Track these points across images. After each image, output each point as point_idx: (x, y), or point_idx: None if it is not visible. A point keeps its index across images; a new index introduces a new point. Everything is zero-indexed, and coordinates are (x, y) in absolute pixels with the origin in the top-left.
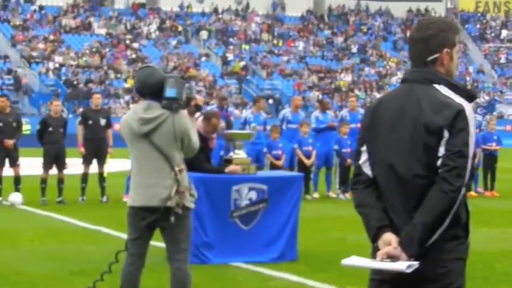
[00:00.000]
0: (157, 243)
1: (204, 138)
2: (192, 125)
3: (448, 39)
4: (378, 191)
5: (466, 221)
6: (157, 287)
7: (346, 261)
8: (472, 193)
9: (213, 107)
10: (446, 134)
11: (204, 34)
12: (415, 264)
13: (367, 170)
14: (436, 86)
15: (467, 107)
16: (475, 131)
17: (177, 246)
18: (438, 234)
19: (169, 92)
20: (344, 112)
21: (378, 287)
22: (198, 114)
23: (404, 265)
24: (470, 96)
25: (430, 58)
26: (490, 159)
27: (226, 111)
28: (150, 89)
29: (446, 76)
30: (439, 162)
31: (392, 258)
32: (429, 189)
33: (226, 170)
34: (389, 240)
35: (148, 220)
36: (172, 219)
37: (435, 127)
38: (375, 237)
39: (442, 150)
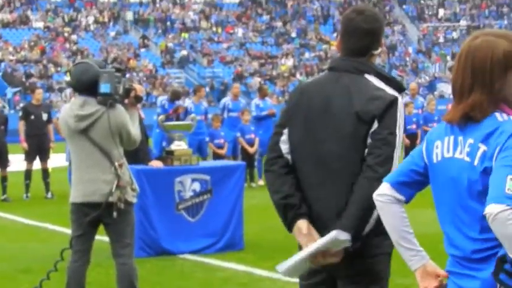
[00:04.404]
0: (105, 238)
1: None
2: (133, 117)
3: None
4: (296, 178)
5: None
6: (105, 283)
7: (281, 267)
8: None
9: (164, 98)
10: (376, 124)
11: (129, 15)
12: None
13: (286, 153)
14: (367, 75)
15: (399, 99)
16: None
17: (121, 241)
18: (372, 223)
19: (104, 87)
20: None
21: None
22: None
23: (332, 234)
24: (399, 88)
25: (377, 52)
26: None
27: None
28: (84, 86)
29: (376, 67)
30: (366, 151)
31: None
32: (356, 178)
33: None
34: (300, 228)
35: (90, 217)
36: (114, 214)
37: (367, 116)
38: (291, 226)
39: (369, 140)
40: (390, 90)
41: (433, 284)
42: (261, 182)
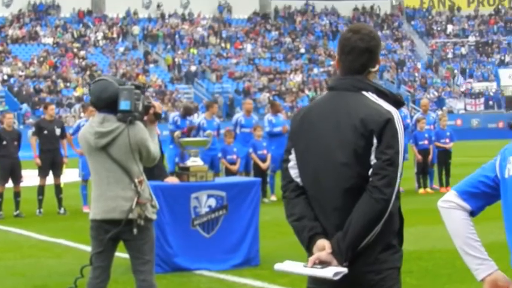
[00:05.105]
0: (121, 254)
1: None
2: (152, 134)
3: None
4: (308, 199)
5: (399, 229)
6: None
7: (279, 266)
8: (428, 190)
9: (176, 114)
10: (375, 141)
11: (136, 29)
12: (343, 271)
13: (295, 177)
14: (364, 92)
15: (396, 114)
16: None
17: (141, 258)
18: (370, 239)
19: (123, 104)
20: None
21: None
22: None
23: (331, 272)
24: (397, 103)
25: (375, 69)
26: (444, 155)
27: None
28: (104, 103)
29: (374, 83)
30: (370, 171)
31: (323, 263)
32: (358, 197)
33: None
34: (322, 245)
35: (110, 234)
36: (134, 231)
37: (365, 132)
38: (309, 247)
39: (372, 159)
40: (387, 106)
41: None
42: (274, 198)
